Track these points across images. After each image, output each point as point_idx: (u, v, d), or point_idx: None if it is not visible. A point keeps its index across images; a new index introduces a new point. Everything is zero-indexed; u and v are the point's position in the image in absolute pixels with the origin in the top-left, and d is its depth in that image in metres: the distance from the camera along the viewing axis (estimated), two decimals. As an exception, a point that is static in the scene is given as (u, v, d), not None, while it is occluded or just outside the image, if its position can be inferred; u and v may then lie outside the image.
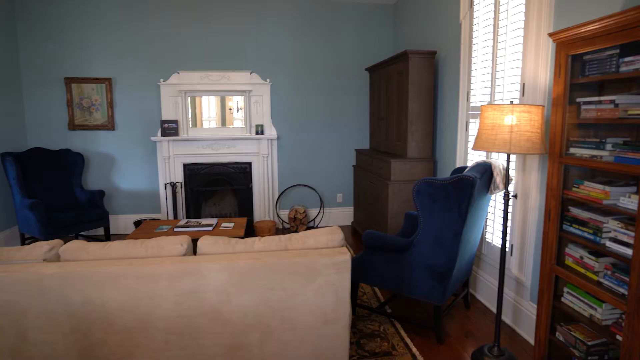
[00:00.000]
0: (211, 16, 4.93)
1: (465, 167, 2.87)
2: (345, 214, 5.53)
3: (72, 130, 4.87)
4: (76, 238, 4.76)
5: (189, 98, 5.02)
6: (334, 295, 1.98)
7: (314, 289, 1.96)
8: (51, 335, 1.86)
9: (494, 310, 3.06)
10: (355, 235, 5.05)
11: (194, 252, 2.10)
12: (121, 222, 5.11)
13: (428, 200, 2.48)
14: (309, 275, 1.94)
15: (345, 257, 1.96)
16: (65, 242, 2.02)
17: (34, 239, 4.41)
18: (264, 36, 5.05)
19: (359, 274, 2.88)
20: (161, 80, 4.90)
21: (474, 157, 3.36)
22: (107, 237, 4.61)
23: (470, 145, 3.39)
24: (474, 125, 3.34)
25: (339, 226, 5.41)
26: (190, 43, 4.94)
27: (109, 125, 4.90)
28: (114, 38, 4.80)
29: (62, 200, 4.49)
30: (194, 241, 2.17)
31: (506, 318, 2.89)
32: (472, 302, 3.21)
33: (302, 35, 5.12)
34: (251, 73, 5.07)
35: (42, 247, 1.94)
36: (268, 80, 5.11)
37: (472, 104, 3.35)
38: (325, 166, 5.42)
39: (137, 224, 4.89)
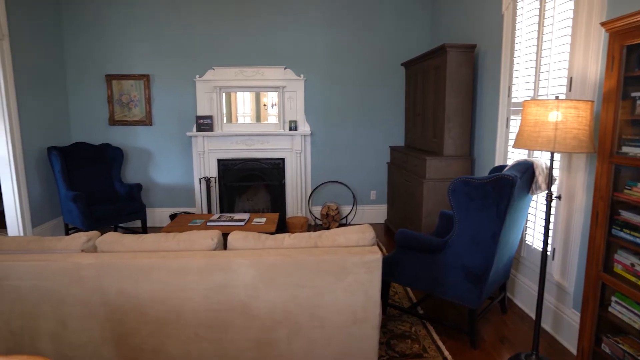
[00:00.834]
0: (246, 12, 4.96)
1: (504, 166, 2.74)
2: (378, 212, 5.45)
3: (112, 126, 5.05)
4: (115, 230, 4.94)
5: (224, 94, 5.08)
6: (364, 294, 1.93)
7: (343, 288, 1.92)
8: (88, 322, 1.92)
9: (533, 316, 2.91)
10: (388, 234, 4.96)
11: (225, 247, 2.11)
12: (157, 215, 5.26)
13: (464, 200, 2.38)
14: (338, 273, 1.91)
15: (376, 256, 1.91)
16: (102, 234, 2.08)
17: (77, 230, 4.60)
18: (298, 31, 5.04)
19: (391, 273, 2.81)
20: (197, 76, 4.99)
21: (514, 156, 3.21)
22: (144, 229, 4.75)
23: (511, 143, 3.24)
24: (515, 122, 3.19)
25: (372, 224, 5.35)
26: (225, 39, 4.99)
27: (147, 120, 5.04)
28: (152, 36, 4.93)
29: (103, 193, 4.67)
30: (225, 236, 2.19)
31: (546, 325, 2.75)
32: (510, 307, 3.08)
33: (337, 29, 5.06)
34: (285, 69, 5.07)
35: (80, 238, 2.00)
36: (302, 76, 5.09)
37: (513, 100, 3.20)
38: (359, 163, 5.35)
39: (173, 217, 5.01)
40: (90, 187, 4.57)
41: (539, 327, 2.28)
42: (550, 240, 2.68)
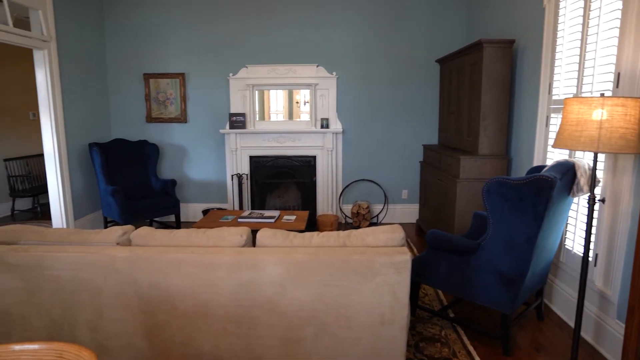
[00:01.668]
0: (278, 10, 4.99)
1: (543, 166, 2.62)
2: (410, 211, 5.36)
3: (149, 123, 5.22)
4: (150, 224, 5.11)
5: (257, 92, 5.14)
6: (392, 295, 1.90)
7: (371, 288, 1.89)
8: (122, 313, 1.99)
9: (572, 324, 2.78)
10: (419, 234, 4.87)
11: (254, 244, 2.13)
12: (191, 210, 5.39)
13: (499, 201, 2.29)
14: (366, 273, 1.88)
15: (404, 257, 1.87)
16: (136, 228, 2.15)
17: (115, 223, 4.79)
18: (331, 28, 5.02)
19: (421, 274, 2.75)
20: (230, 74, 5.07)
21: (554, 156, 3.07)
22: (178, 224, 4.88)
23: (551, 142, 3.10)
24: (556, 121, 3.04)
25: (403, 223, 5.27)
26: (258, 37, 5.04)
27: (182, 118, 5.17)
28: (188, 35, 5.04)
29: (139, 188, 4.83)
30: (254, 232, 2.20)
31: (586, 335, 2.61)
32: (547, 314, 2.95)
33: (369, 26, 5.00)
34: (317, 66, 5.06)
35: (116, 232, 2.07)
36: (334, 73, 5.07)
37: (554, 97, 3.05)
38: (391, 161, 5.28)
39: (205, 212, 5.12)
40: (127, 182, 4.74)
41: (579, 336, 2.17)
42: (592, 246, 2.54)
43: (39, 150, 6.12)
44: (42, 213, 5.79)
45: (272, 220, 3.76)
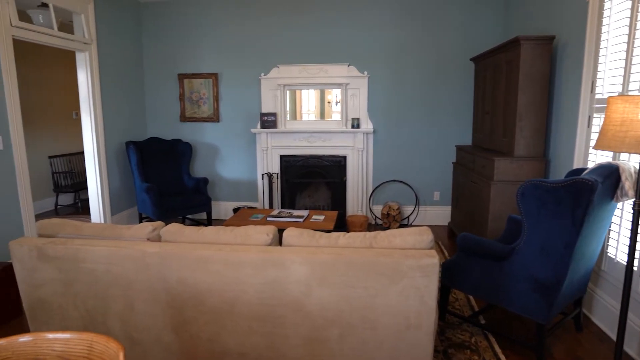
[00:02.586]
0: (310, 10, 4.99)
1: (584, 169, 2.49)
2: (441, 213, 5.24)
3: (182, 122, 5.35)
4: (183, 220, 5.24)
5: (288, 91, 5.16)
6: (419, 299, 1.85)
7: (397, 291, 1.85)
8: (151, 307, 2.04)
9: (614, 337, 2.62)
10: (451, 237, 4.75)
11: (280, 243, 2.13)
12: (222, 208, 5.48)
13: (535, 205, 2.19)
14: (392, 276, 1.84)
15: (432, 261, 1.82)
16: (166, 224, 2.20)
17: (149, 219, 4.94)
18: (362, 27, 4.97)
19: (451, 278, 2.67)
20: (262, 74, 5.12)
21: (596, 158, 2.91)
22: (209, 221, 4.98)
23: (592, 143, 2.94)
24: (599, 121, 2.88)
25: (435, 226, 5.15)
26: (289, 37, 5.07)
27: (214, 117, 5.27)
28: (221, 36, 5.14)
29: (172, 185, 4.97)
30: (281, 231, 2.20)
31: (629, 349, 2.46)
32: (586, 325, 2.80)
33: (401, 24, 4.92)
34: (348, 66, 5.03)
35: (147, 228, 2.12)
36: (365, 72, 5.03)
37: (597, 96, 2.89)
38: (423, 162, 5.18)
39: (236, 210, 5.20)
40: (161, 180, 4.88)
41: (621, 350, 2.04)
42: (637, 254, 2.38)
43: (80, 148, 6.41)
44: (82, 208, 6.06)
45: (301, 220, 3.77)
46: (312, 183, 5.51)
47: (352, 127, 5.05)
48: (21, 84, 3.83)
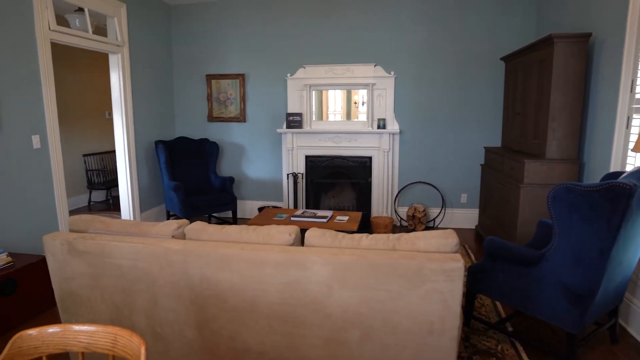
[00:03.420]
0: (335, 9, 4.98)
1: (621, 173, 2.37)
2: (469, 216, 5.11)
3: (210, 122, 5.45)
4: (209, 219, 5.32)
5: (314, 92, 5.17)
6: (442, 304, 1.80)
7: (420, 295, 1.81)
8: (175, 303, 2.07)
9: (652, 349, 2.48)
10: (478, 240, 4.63)
11: (302, 243, 2.13)
12: (248, 207, 5.54)
13: (567, 209, 2.10)
14: (415, 279, 1.80)
15: (457, 265, 1.77)
16: (192, 222, 2.23)
17: (176, 216, 5.04)
18: (389, 26, 4.92)
19: (477, 283, 2.60)
20: (288, 74, 5.15)
21: (635, 161, 2.76)
22: (234, 220, 5.04)
23: (631, 146, 2.80)
24: (639, 122, 2.74)
25: (461, 229, 5.04)
26: (315, 38, 5.07)
27: (241, 117, 5.34)
28: (248, 37, 5.20)
29: (199, 184, 5.06)
30: (304, 232, 2.20)
31: (669, 362, 2.32)
32: (622, 336, 2.66)
33: (429, 23, 4.84)
34: (375, 66, 4.99)
35: (171, 225, 2.16)
36: (392, 72, 4.97)
37: (637, 96, 2.75)
38: (450, 164, 5.07)
39: (261, 210, 5.24)
40: (189, 178, 4.98)
41: (658, 364, 1.93)
42: (678, 263, 2.25)
43: (112, 147, 6.62)
44: (113, 205, 6.26)
45: (325, 220, 3.76)
46: (337, 184, 5.49)
47: (378, 127, 5.00)
48: (57, 85, 3.99)
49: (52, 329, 1.33)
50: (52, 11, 3.54)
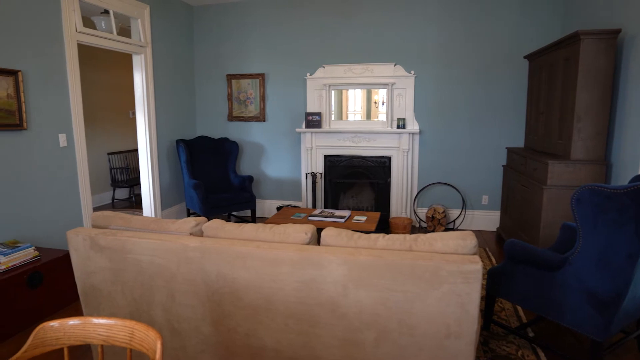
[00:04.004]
0: (356, 8, 4.96)
1: (651, 174, 2.28)
2: (490, 218, 5.01)
3: (230, 121, 5.50)
4: (228, 217, 5.38)
5: (333, 91, 5.16)
6: (460, 307, 1.77)
7: (436, 297, 1.78)
8: (192, 299, 2.10)
9: (683, 359, 2.38)
10: (499, 243, 4.54)
11: (319, 242, 2.12)
12: (267, 206, 5.58)
13: (592, 212, 2.03)
14: (432, 280, 1.77)
15: (475, 267, 1.73)
16: (208, 220, 2.25)
17: (196, 214, 5.12)
18: (409, 25, 4.87)
19: (497, 287, 2.54)
20: (307, 74, 5.15)
21: (666, 162, 2.66)
22: (253, 218, 5.08)
23: (662, 146, 2.69)
24: (670, 122, 2.63)
25: (482, 231, 4.95)
26: (335, 37, 5.06)
27: (261, 117, 5.37)
28: (268, 37, 5.23)
29: (219, 182, 5.12)
30: (321, 231, 2.19)
31: (701, 373, 2.22)
32: (650, 344, 2.56)
33: (450, 21, 4.76)
34: (395, 65, 4.94)
35: (189, 223, 2.19)
36: (412, 72, 4.92)
37: (668, 95, 2.64)
38: (471, 164, 4.98)
39: (279, 209, 5.26)
40: (209, 177, 5.05)
41: (689, 375, 1.84)
42: None
43: (135, 146, 6.77)
44: (136, 202, 6.40)
45: (343, 220, 3.75)
46: (355, 183, 5.46)
47: (398, 127, 4.96)
48: (83, 85, 4.11)
49: (72, 321, 1.37)
50: (79, 14, 3.64)
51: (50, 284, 3.01)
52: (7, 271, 2.79)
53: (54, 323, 1.36)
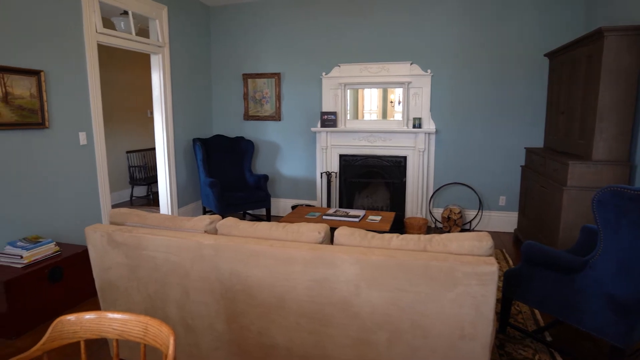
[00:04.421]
0: (371, 7, 4.93)
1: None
2: (507, 220, 4.93)
3: (246, 120, 5.54)
4: (243, 216, 5.41)
5: (349, 90, 5.14)
6: (474, 309, 1.74)
7: (450, 298, 1.75)
8: (206, 297, 2.11)
9: None
10: (517, 245, 4.45)
11: (332, 241, 2.12)
12: (282, 205, 5.59)
13: (613, 214, 1.97)
14: (446, 282, 1.75)
15: (491, 268, 1.70)
16: (223, 218, 2.27)
17: (212, 212, 5.16)
18: (425, 24, 4.81)
19: (514, 289, 2.50)
20: (323, 73, 5.15)
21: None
22: (268, 217, 5.10)
23: (689, 147, 2.59)
24: (697, 121, 2.54)
25: (499, 232, 4.87)
26: (350, 36, 5.04)
27: (276, 116, 5.39)
28: (284, 37, 5.24)
29: (235, 181, 5.16)
30: (334, 230, 2.19)
31: None
32: (674, 351, 2.47)
33: (468, 19, 4.69)
34: (411, 64, 4.90)
35: (204, 220, 2.21)
36: (429, 71, 4.86)
37: (696, 93, 2.55)
38: (488, 165, 4.90)
39: (294, 208, 5.27)
40: (224, 175, 5.09)
41: None
42: None
43: (153, 144, 6.87)
44: (153, 200, 6.50)
45: (357, 220, 3.73)
46: (371, 183, 5.44)
47: (414, 126, 4.91)
48: (102, 85, 4.19)
49: (88, 316, 1.40)
50: (99, 15, 3.71)
51: (69, 279, 3.08)
52: (29, 265, 2.86)
53: (71, 317, 1.39)
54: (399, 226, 4.97)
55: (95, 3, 3.64)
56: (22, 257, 2.85)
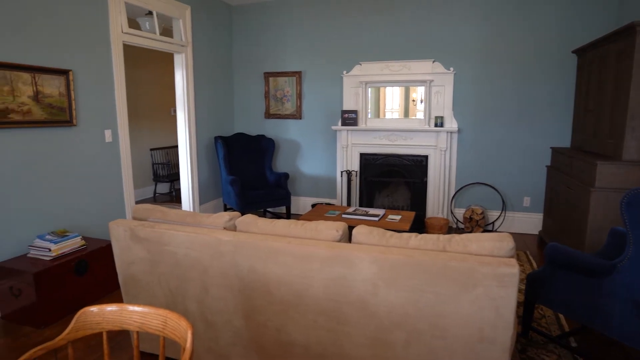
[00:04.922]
0: (393, 4, 4.88)
1: None
2: (531, 221, 4.80)
3: (267, 119, 5.58)
4: (264, 213, 5.46)
5: (370, 89, 5.11)
6: (494, 311, 1.70)
7: (469, 300, 1.72)
8: (224, 292, 2.14)
9: None
10: (541, 247, 4.34)
11: (350, 240, 2.11)
12: (301, 203, 5.61)
13: (643, 216, 1.90)
14: (465, 283, 1.72)
15: (512, 270, 1.66)
16: (242, 215, 2.29)
17: (233, 210, 5.22)
18: (448, 21, 4.73)
19: (536, 292, 2.43)
20: (344, 72, 5.13)
21: None
22: (288, 215, 5.13)
23: None
24: None
25: (523, 234, 4.75)
26: (371, 34, 5.01)
27: (297, 114, 5.41)
28: (305, 35, 5.25)
29: (255, 179, 5.20)
30: (352, 229, 2.18)
31: None
32: None
33: (492, 16, 4.59)
34: (433, 62, 4.83)
35: (223, 217, 2.24)
36: (451, 69, 4.79)
37: None
38: (512, 164, 4.79)
39: (314, 206, 5.28)
40: (245, 173, 5.14)
41: None
42: None
43: (176, 142, 7.00)
44: (176, 197, 6.62)
45: (376, 219, 3.71)
46: (391, 182, 5.39)
47: (435, 125, 4.84)
48: (127, 84, 4.29)
49: (110, 308, 1.43)
50: (125, 15, 3.80)
51: (94, 272, 3.17)
52: (56, 258, 2.96)
53: (94, 308, 1.43)
54: (420, 226, 4.91)
55: (121, 4, 3.73)
56: (50, 250, 2.95)
